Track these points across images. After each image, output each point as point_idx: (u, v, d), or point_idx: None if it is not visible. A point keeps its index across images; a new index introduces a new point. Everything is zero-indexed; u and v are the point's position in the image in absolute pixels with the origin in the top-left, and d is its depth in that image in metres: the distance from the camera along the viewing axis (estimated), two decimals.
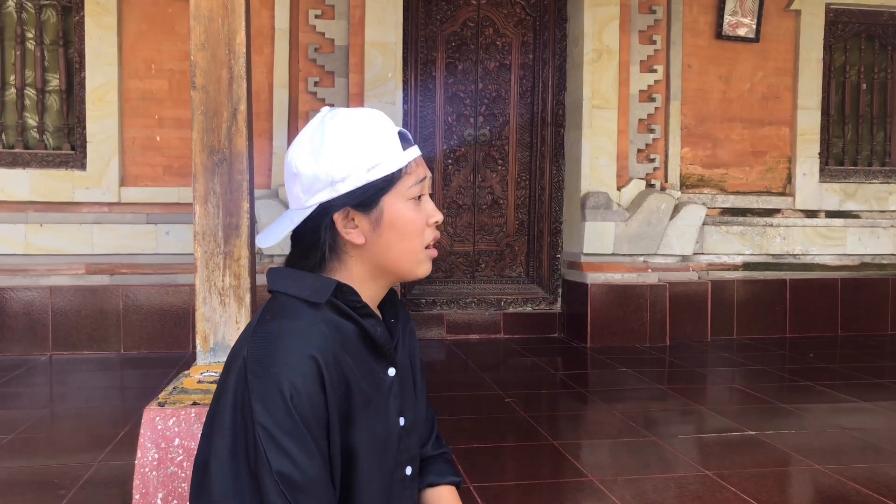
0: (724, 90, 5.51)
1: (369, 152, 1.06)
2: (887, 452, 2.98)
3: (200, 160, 2.12)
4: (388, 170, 1.07)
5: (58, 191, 4.63)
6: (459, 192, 5.35)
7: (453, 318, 5.26)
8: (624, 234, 5.06)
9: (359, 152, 1.06)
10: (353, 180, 1.06)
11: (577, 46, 5.16)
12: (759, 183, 5.61)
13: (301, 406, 0.97)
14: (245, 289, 2.16)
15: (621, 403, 3.69)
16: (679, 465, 2.82)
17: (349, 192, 1.06)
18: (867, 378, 4.25)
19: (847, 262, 5.66)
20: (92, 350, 4.63)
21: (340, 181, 1.06)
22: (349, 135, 1.07)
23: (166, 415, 1.98)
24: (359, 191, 1.07)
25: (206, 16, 2.12)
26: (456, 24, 5.27)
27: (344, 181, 1.06)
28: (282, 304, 1.07)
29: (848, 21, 5.72)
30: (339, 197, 1.07)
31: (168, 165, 4.78)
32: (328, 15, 4.81)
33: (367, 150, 1.06)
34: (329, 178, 1.06)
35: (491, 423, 3.37)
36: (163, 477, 1.96)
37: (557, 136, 5.38)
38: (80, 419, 3.41)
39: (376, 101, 4.72)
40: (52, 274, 4.62)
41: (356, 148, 1.06)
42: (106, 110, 4.66)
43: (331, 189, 1.06)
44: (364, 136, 1.07)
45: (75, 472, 2.68)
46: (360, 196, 1.07)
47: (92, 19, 4.63)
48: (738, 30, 5.43)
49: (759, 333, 5.45)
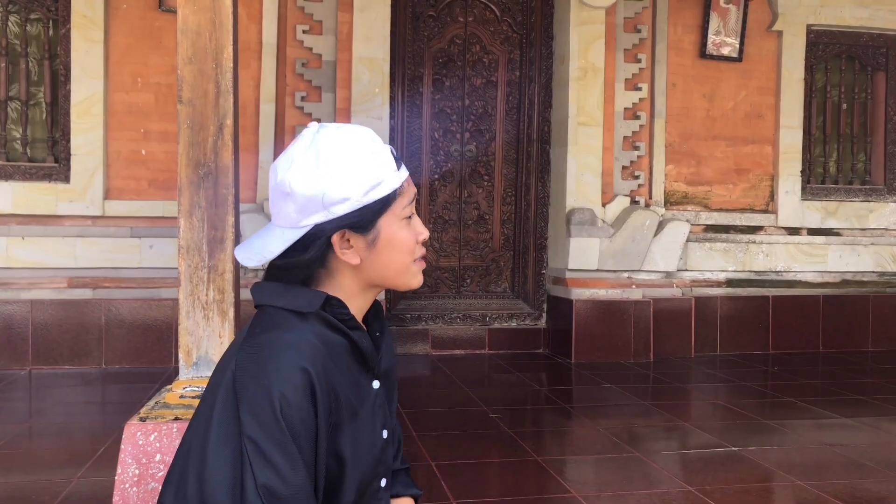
0: (707, 108, 5.57)
1: (367, 175, 1.06)
2: (868, 468, 3.00)
3: (186, 174, 2.12)
4: (384, 191, 1.08)
5: (41, 203, 4.59)
6: (445, 208, 5.36)
7: (438, 333, 5.25)
8: (608, 250, 5.09)
9: (357, 175, 1.05)
10: (352, 203, 1.05)
11: (563, 64, 5.21)
12: (742, 200, 5.66)
13: (290, 417, 0.98)
14: (229, 303, 2.15)
15: (605, 419, 3.69)
16: (662, 481, 2.82)
17: (347, 214, 1.06)
18: (849, 394, 4.28)
19: (828, 279, 5.72)
20: (73, 365, 4.58)
21: (338, 203, 1.05)
22: (345, 156, 1.06)
23: (147, 430, 1.96)
24: (356, 213, 1.06)
25: (194, 30, 2.13)
26: (443, 41, 5.30)
27: (342, 203, 1.05)
28: (271, 317, 1.07)
29: (829, 42, 5.81)
30: (337, 219, 1.06)
31: (153, 179, 4.76)
32: (316, 30, 4.83)
33: (364, 173, 1.06)
34: (326, 200, 1.05)
35: (475, 438, 3.37)
36: (143, 493, 1.94)
37: (543, 152, 5.41)
38: (60, 434, 3.37)
39: (363, 116, 4.74)
40: (34, 287, 4.57)
41: (354, 170, 1.05)
42: (91, 123, 4.64)
43: (327, 211, 1.05)
44: (360, 157, 1.06)
45: (54, 489, 2.65)
46: (358, 218, 1.07)
47: (78, 32, 4.62)
48: (722, 49, 5.51)
49: (743, 350, 5.49)
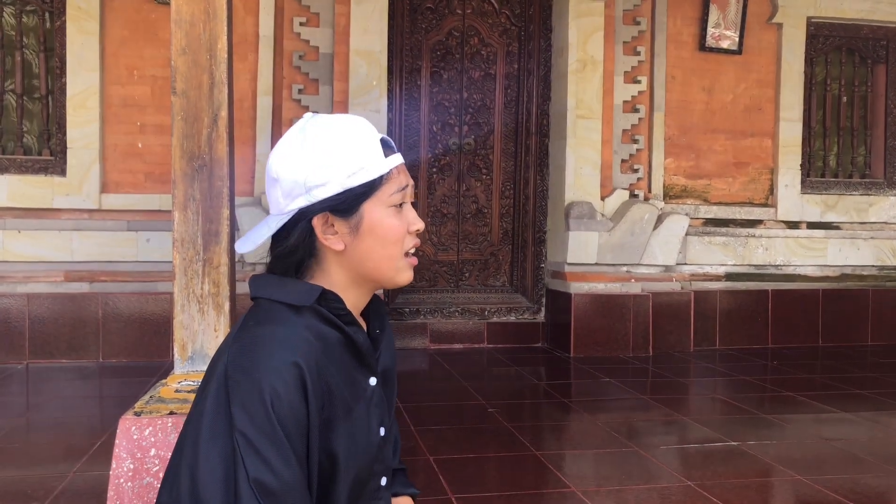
0: (707, 101, 5.55)
1: (350, 158, 1.06)
2: (868, 463, 2.99)
3: (180, 166, 2.10)
4: (368, 176, 1.07)
5: (37, 197, 4.57)
6: (444, 201, 5.33)
7: (437, 327, 5.24)
8: (607, 243, 5.07)
9: (339, 158, 1.05)
10: (333, 186, 1.05)
11: (561, 57, 5.18)
12: (741, 194, 5.64)
13: (281, 411, 0.96)
14: (224, 296, 2.13)
15: (604, 414, 3.68)
16: (662, 476, 2.81)
17: (328, 198, 1.06)
18: (848, 389, 4.27)
19: (828, 272, 5.71)
20: (70, 358, 4.56)
21: (320, 186, 1.05)
22: (330, 140, 1.06)
23: (142, 424, 1.95)
24: (338, 197, 1.06)
25: (188, 20, 2.10)
26: (441, 34, 5.27)
27: (323, 186, 1.05)
28: (265, 310, 1.06)
29: (829, 35, 5.78)
30: (318, 202, 1.06)
31: (149, 172, 4.73)
32: (313, 23, 4.80)
33: (347, 156, 1.05)
34: (308, 184, 1.05)
35: (474, 433, 3.35)
36: (138, 488, 1.92)
37: (542, 145, 5.38)
38: (55, 429, 3.35)
39: (361, 109, 4.71)
40: (30, 281, 4.55)
41: (336, 153, 1.05)
42: (87, 116, 4.61)
43: (309, 195, 1.05)
44: (345, 141, 1.06)
45: (50, 483, 2.63)
46: (340, 202, 1.06)
47: (74, 24, 4.58)
48: (722, 42, 5.48)
49: (742, 344, 5.47)
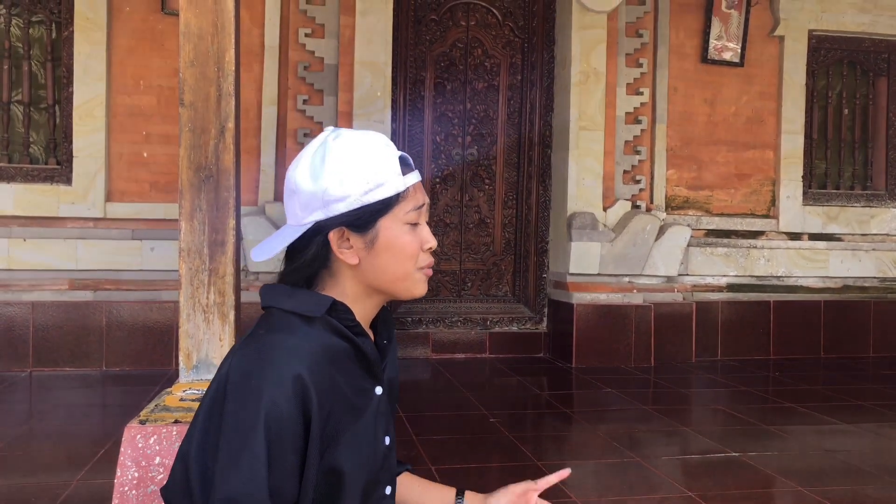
0: (709, 113, 5.57)
1: (368, 175, 1.08)
2: (869, 475, 2.99)
3: (187, 177, 2.12)
4: (385, 193, 1.09)
5: (42, 205, 4.60)
6: (447, 211, 5.36)
7: (439, 336, 5.25)
8: (609, 254, 5.08)
9: (358, 174, 1.08)
10: (350, 201, 1.07)
11: (564, 68, 5.21)
12: (743, 205, 5.66)
13: (275, 423, 0.98)
14: (230, 306, 2.15)
15: (606, 424, 3.68)
16: (663, 487, 2.82)
17: (345, 213, 1.08)
18: (850, 400, 4.27)
19: (830, 284, 5.71)
20: (74, 367, 4.57)
21: (338, 201, 1.07)
22: (350, 156, 1.08)
23: (147, 433, 1.96)
24: (355, 212, 1.08)
25: (196, 34, 2.13)
26: (445, 45, 5.31)
27: (341, 201, 1.07)
28: (276, 319, 1.08)
29: (830, 47, 5.81)
30: (335, 217, 1.08)
31: (154, 181, 4.76)
32: (318, 34, 4.84)
33: (365, 173, 1.08)
34: (327, 198, 1.07)
35: (475, 443, 3.36)
36: (143, 496, 1.93)
37: (545, 156, 5.41)
38: (59, 437, 3.36)
39: (365, 119, 4.74)
40: (35, 289, 4.57)
41: (355, 170, 1.08)
42: (93, 125, 4.64)
43: (327, 209, 1.08)
44: (364, 158, 1.09)
45: (53, 491, 2.64)
46: (357, 217, 1.09)
47: (81, 35, 4.63)
48: (724, 54, 5.51)
49: (743, 355, 5.48)
